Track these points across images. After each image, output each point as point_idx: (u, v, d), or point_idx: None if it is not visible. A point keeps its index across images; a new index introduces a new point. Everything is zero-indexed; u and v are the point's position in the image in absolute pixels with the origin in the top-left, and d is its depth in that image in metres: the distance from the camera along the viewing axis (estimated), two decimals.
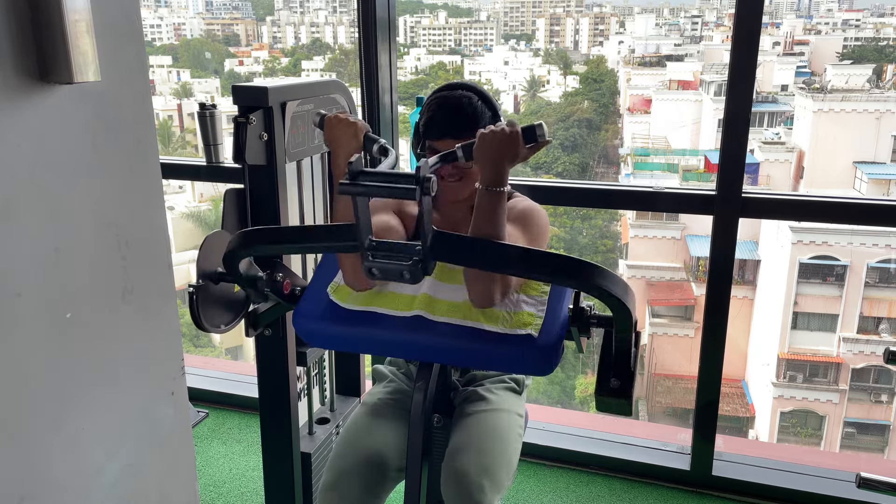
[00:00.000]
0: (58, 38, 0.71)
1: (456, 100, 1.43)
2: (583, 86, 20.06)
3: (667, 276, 14.68)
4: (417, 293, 1.40)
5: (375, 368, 1.71)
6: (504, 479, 1.41)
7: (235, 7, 27.10)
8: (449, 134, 1.41)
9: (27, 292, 0.74)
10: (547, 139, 1.23)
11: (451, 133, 1.40)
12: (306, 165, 1.93)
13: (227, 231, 1.61)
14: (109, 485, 0.85)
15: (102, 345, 0.84)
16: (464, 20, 26.53)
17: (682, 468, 2.29)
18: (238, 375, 2.93)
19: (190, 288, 1.48)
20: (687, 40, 21.85)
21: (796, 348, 12.86)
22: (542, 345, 1.32)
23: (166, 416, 0.93)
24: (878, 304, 12.68)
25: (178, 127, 18.41)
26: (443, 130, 1.41)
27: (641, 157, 16.72)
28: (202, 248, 1.51)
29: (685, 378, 13.49)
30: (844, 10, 22.31)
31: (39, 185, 0.75)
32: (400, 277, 1.02)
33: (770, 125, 16.60)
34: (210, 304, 1.55)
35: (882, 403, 12.68)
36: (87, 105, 0.79)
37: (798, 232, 12.33)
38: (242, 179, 1.69)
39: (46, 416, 0.77)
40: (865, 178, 13.98)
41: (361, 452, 1.45)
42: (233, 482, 2.35)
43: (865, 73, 16.45)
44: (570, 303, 1.39)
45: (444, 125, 1.41)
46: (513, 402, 1.54)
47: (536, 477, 2.34)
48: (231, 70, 21.95)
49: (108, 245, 0.83)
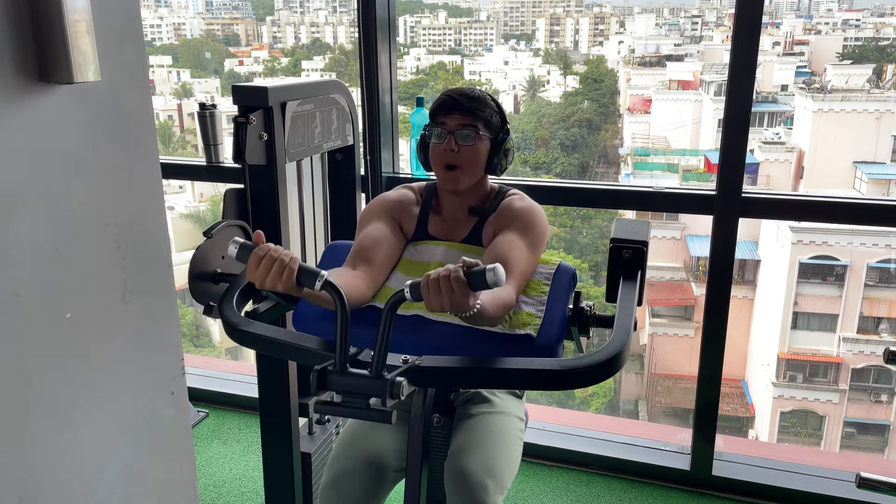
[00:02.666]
0: (58, 38, 0.71)
1: (465, 87, 1.50)
2: (583, 86, 20.04)
3: (667, 276, 14.66)
4: None
5: None
6: (507, 480, 1.41)
7: (235, 7, 27.09)
8: (456, 110, 1.45)
9: (27, 292, 0.74)
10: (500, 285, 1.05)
11: (457, 109, 1.44)
12: (306, 165, 1.93)
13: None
14: (109, 485, 0.85)
15: (102, 345, 0.84)
16: (464, 20, 26.52)
17: (682, 468, 2.28)
18: (238, 375, 2.93)
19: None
20: (687, 40, 21.83)
21: (796, 348, 12.85)
22: (542, 345, 1.32)
23: (166, 416, 0.93)
24: (878, 304, 12.68)
25: (178, 127, 18.40)
26: (451, 107, 1.45)
27: (641, 157, 16.71)
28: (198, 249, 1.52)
29: (685, 378, 13.49)
30: (844, 10, 22.29)
31: (39, 184, 0.75)
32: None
33: (770, 125, 16.59)
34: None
35: (882, 403, 12.68)
36: (87, 105, 0.79)
37: (798, 232, 12.32)
38: (242, 179, 1.69)
39: (46, 416, 0.77)
40: (865, 178, 13.97)
41: (361, 453, 1.45)
42: (233, 482, 2.35)
43: (865, 73, 16.44)
44: (569, 303, 1.39)
45: (452, 103, 1.46)
46: (514, 405, 1.54)
47: (536, 477, 2.34)
48: (231, 70, 21.94)
49: (108, 245, 0.83)
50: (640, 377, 14.70)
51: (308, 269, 1.11)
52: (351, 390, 1.04)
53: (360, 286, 1.37)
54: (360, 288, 1.36)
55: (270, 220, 1.71)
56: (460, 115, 1.44)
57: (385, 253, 1.44)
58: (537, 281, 1.42)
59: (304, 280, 1.11)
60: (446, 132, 1.44)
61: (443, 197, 1.53)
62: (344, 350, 1.05)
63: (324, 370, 1.05)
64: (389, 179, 2.37)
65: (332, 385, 1.05)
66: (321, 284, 1.08)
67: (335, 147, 1.96)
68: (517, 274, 1.35)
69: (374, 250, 1.43)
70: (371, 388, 1.03)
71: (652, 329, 14.34)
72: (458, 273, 1.05)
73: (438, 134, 1.45)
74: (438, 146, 1.45)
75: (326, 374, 1.05)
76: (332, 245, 1.61)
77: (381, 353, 1.05)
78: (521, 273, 1.38)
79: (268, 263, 1.11)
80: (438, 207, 1.53)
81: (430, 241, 1.50)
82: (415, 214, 1.52)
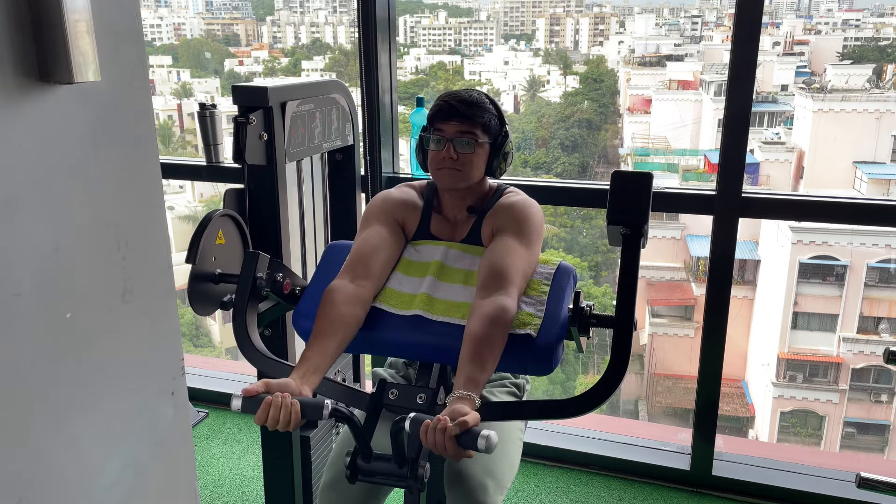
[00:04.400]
0: (58, 38, 0.71)
1: (462, 91, 1.49)
2: (583, 86, 20.05)
3: (667, 276, 14.67)
4: (417, 292, 1.40)
5: (374, 372, 1.71)
6: (506, 481, 1.41)
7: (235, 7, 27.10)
8: (454, 117, 1.44)
9: (27, 292, 0.74)
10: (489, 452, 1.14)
11: (455, 116, 1.44)
12: (306, 165, 1.93)
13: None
14: (109, 485, 0.85)
15: (102, 345, 0.84)
16: (464, 20, 26.52)
17: (682, 468, 2.28)
18: (238, 375, 2.93)
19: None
20: (687, 40, 21.83)
21: (796, 348, 12.85)
22: (542, 345, 1.32)
23: (166, 416, 0.93)
24: (878, 304, 12.67)
25: (178, 127, 18.40)
26: (448, 114, 1.45)
27: (641, 157, 16.71)
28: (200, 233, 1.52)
29: (685, 378, 13.48)
30: (844, 10, 22.30)
31: (39, 185, 0.75)
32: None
33: (770, 125, 16.59)
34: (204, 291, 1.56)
35: (882, 403, 12.68)
36: (87, 105, 0.79)
37: (798, 232, 12.32)
38: (242, 179, 1.69)
39: (46, 416, 0.77)
40: (865, 178, 13.97)
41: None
42: (233, 482, 2.35)
43: (865, 73, 16.44)
44: (569, 303, 1.39)
45: (449, 110, 1.45)
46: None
47: (536, 477, 2.34)
48: (231, 70, 21.94)
49: (108, 245, 0.83)
50: (640, 377, 14.70)
51: (311, 403, 1.18)
52: (381, 474, 1.24)
53: (365, 303, 1.39)
54: (364, 306, 1.39)
55: (270, 221, 1.71)
56: (458, 122, 1.43)
57: (384, 260, 1.45)
58: (537, 281, 1.42)
59: (310, 414, 1.18)
60: (445, 139, 1.44)
61: (443, 196, 1.53)
62: (366, 447, 1.23)
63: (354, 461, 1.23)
64: (389, 179, 2.37)
65: (362, 474, 1.24)
66: (328, 413, 1.17)
67: (335, 147, 1.96)
68: (517, 279, 1.36)
69: (373, 258, 1.43)
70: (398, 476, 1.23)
71: (652, 329, 14.34)
72: (451, 433, 1.12)
73: (437, 141, 1.44)
74: (437, 153, 1.45)
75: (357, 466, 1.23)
76: (332, 245, 1.61)
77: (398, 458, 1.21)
78: (522, 275, 1.38)
79: (274, 414, 1.16)
80: (440, 207, 1.54)
81: (431, 240, 1.50)
82: (418, 213, 1.53)
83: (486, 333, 1.25)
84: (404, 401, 1.28)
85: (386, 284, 1.44)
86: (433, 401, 1.28)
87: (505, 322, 1.28)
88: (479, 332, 1.26)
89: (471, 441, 1.12)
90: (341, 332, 1.31)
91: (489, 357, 1.25)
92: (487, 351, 1.24)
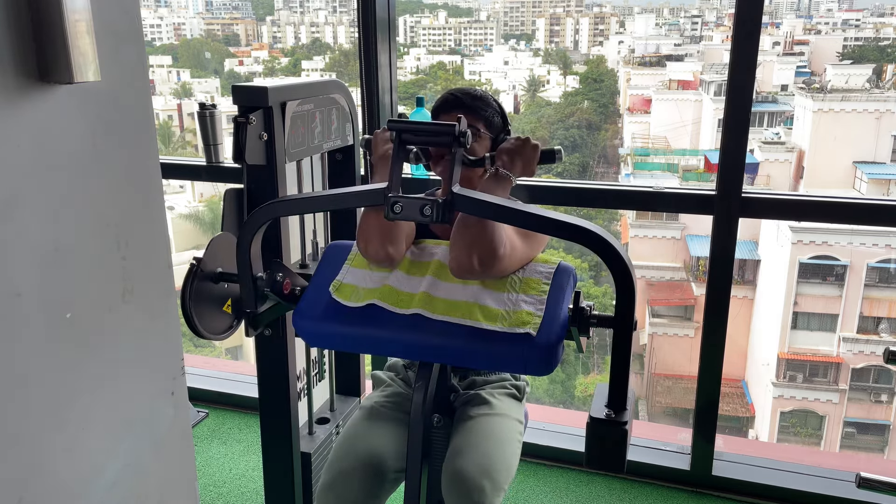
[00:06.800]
0: (58, 38, 0.71)
1: (467, 87, 1.53)
2: (583, 86, 20.07)
3: (667, 276, 14.68)
4: (416, 291, 1.40)
5: (374, 374, 1.71)
6: (504, 482, 1.41)
7: (235, 7, 27.12)
8: (458, 108, 1.47)
9: (27, 292, 0.74)
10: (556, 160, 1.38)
11: (459, 107, 1.47)
12: (306, 165, 1.93)
13: (229, 232, 1.61)
14: (109, 485, 0.85)
15: (102, 345, 0.84)
16: (464, 20, 26.54)
17: (682, 468, 2.29)
18: (238, 375, 2.93)
19: (193, 260, 1.49)
20: (687, 40, 21.85)
21: (796, 348, 12.86)
22: (541, 344, 1.31)
23: (166, 416, 0.93)
24: (878, 304, 12.69)
25: (178, 127, 18.41)
26: (453, 105, 1.48)
27: (641, 157, 16.72)
28: (208, 247, 1.52)
29: (685, 378, 13.50)
30: (844, 10, 22.32)
31: (39, 185, 0.75)
32: (420, 214, 1.15)
33: (770, 125, 16.61)
34: (206, 308, 1.55)
35: (882, 403, 12.69)
36: (87, 105, 0.79)
37: (798, 232, 12.33)
38: (242, 179, 1.69)
39: (46, 416, 0.77)
40: (865, 178, 13.99)
41: (360, 454, 1.45)
42: (233, 482, 2.35)
43: (865, 73, 16.45)
44: (569, 302, 1.38)
45: (454, 101, 1.48)
46: (513, 407, 1.54)
47: (536, 477, 2.34)
48: (231, 70, 21.96)
49: (107, 245, 0.83)
50: (641, 377, 14.71)
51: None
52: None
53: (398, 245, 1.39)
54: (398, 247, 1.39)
55: (270, 220, 1.70)
56: (462, 113, 1.45)
57: (406, 228, 1.41)
58: (537, 280, 1.42)
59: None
60: None
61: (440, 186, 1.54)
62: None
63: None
64: None
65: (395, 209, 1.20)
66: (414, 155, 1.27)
67: (335, 147, 1.96)
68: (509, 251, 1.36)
69: (397, 224, 1.40)
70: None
71: (652, 329, 14.35)
72: (537, 145, 1.35)
73: None
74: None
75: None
76: (332, 245, 1.61)
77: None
78: (519, 260, 1.38)
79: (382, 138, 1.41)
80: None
81: (431, 240, 1.51)
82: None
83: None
84: (410, 211, 1.20)
85: (387, 283, 1.44)
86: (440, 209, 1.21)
87: (474, 244, 1.31)
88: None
89: (549, 154, 1.38)
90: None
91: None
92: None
